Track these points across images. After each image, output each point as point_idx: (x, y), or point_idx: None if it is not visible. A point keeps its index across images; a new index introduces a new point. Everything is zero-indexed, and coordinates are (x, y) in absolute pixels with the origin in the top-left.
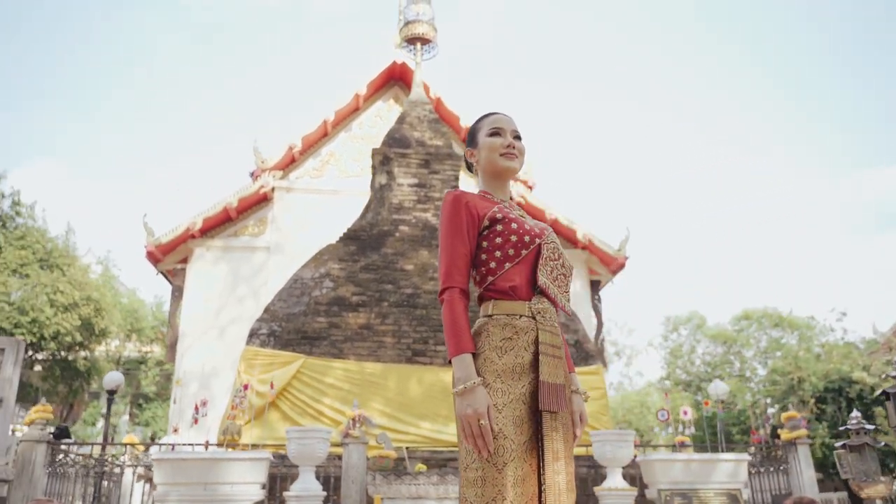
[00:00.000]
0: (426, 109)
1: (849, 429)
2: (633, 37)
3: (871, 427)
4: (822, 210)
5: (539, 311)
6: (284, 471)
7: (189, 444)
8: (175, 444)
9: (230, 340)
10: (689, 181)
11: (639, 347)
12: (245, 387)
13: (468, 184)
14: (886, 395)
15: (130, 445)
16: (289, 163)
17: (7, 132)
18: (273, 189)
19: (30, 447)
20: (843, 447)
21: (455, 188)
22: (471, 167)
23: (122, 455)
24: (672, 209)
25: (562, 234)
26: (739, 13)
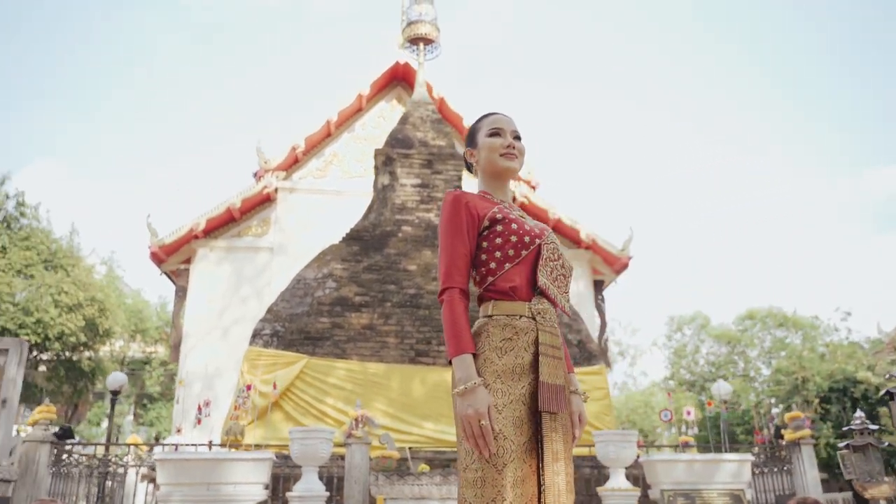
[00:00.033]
0: (429, 110)
1: (852, 429)
2: (634, 36)
3: (875, 427)
4: (827, 209)
5: (539, 312)
6: (287, 471)
7: (192, 445)
8: (178, 445)
9: (234, 341)
10: (692, 180)
11: (643, 347)
12: (248, 387)
13: (471, 184)
14: (890, 395)
15: (134, 446)
16: (292, 163)
17: (11, 134)
18: (276, 189)
19: (33, 447)
20: (847, 447)
21: (458, 188)
22: (470, 167)
23: (126, 455)
24: (675, 209)
25: (565, 234)
26: (737, 12)
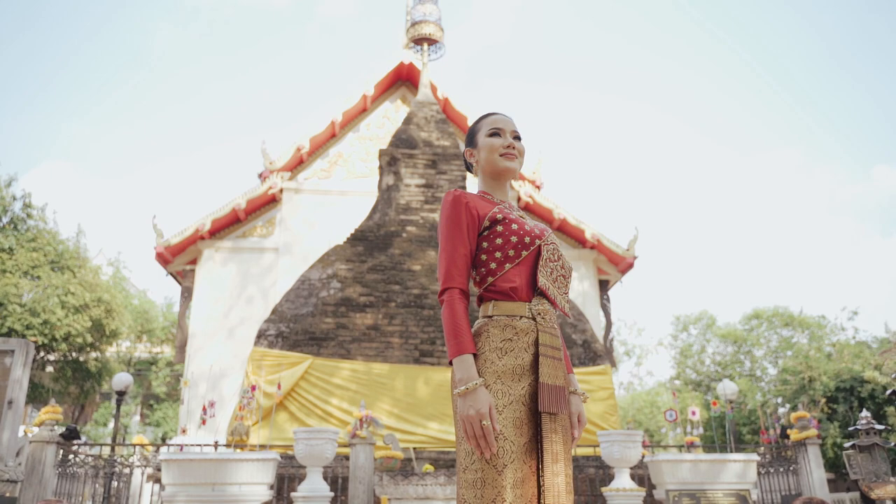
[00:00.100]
0: (433, 110)
1: (858, 429)
2: (639, 37)
3: (881, 427)
4: (834, 207)
5: (539, 313)
6: (292, 471)
7: (198, 445)
8: (184, 445)
9: (239, 341)
10: (698, 180)
11: (649, 347)
12: (252, 388)
13: (475, 184)
14: None
15: (140, 446)
16: (297, 164)
17: (18, 136)
18: (281, 190)
19: (39, 448)
20: (853, 447)
21: (462, 188)
22: (470, 167)
23: (132, 456)
24: (681, 208)
25: (570, 234)
26: (742, 11)
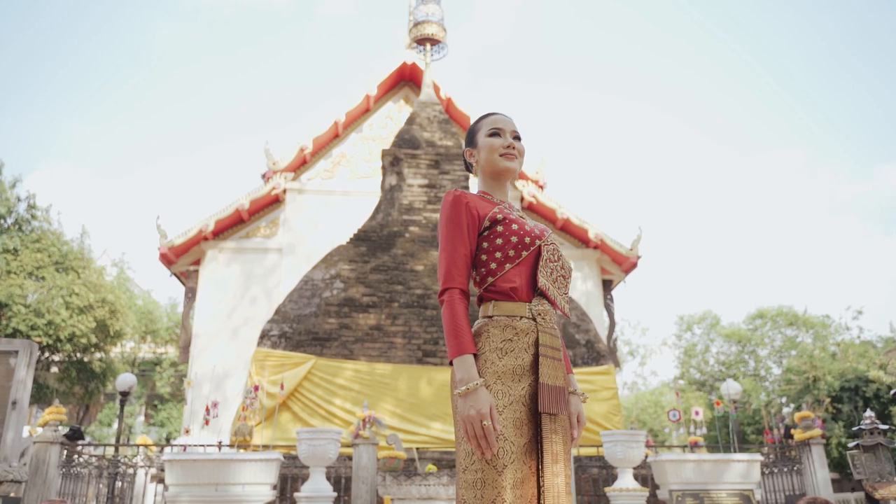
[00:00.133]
0: (436, 110)
1: (862, 429)
2: (643, 37)
3: (886, 427)
4: (838, 206)
5: (539, 313)
6: (295, 471)
7: (202, 445)
8: (187, 445)
9: (243, 341)
10: (700, 180)
11: (653, 347)
12: (256, 388)
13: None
14: None
15: (143, 446)
16: (300, 164)
17: (23, 137)
18: (285, 190)
19: (43, 448)
20: (857, 447)
21: (465, 188)
22: (470, 167)
23: (136, 456)
24: (684, 208)
25: (574, 234)
26: (745, 10)
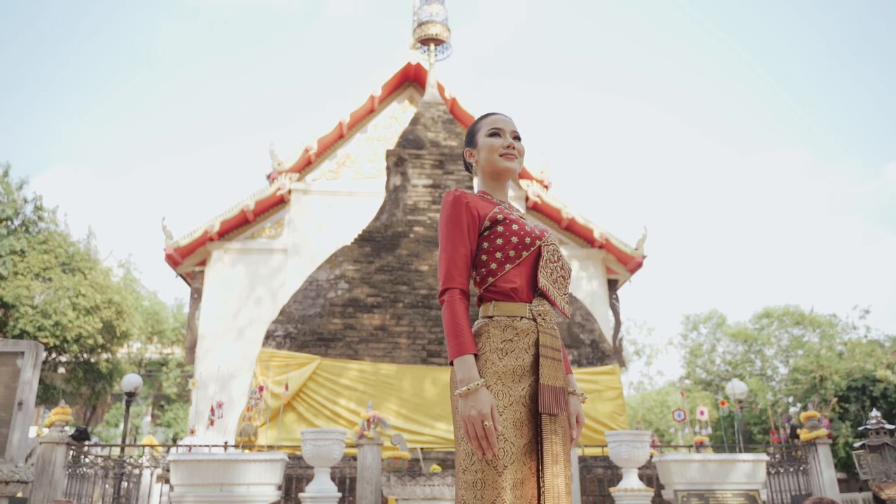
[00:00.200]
0: (440, 110)
1: (868, 428)
2: (647, 37)
3: (892, 427)
4: (845, 205)
5: (540, 314)
6: (300, 472)
7: (207, 446)
8: (192, 446)
9: (248, 342)
10: (705, 179)
11: (659, 346)
12: (260, 388)
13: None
14: None
15: (149, 447)
16: (305, 165)
17: (30, 138)
18: (290, 191)
19: (49, 448)
20: (863, 447)
21: (469, 188)
22: (470, 168)
23: (142, 457)
24: (689, 207)
25: (579, 234)
26: (751, 9)
